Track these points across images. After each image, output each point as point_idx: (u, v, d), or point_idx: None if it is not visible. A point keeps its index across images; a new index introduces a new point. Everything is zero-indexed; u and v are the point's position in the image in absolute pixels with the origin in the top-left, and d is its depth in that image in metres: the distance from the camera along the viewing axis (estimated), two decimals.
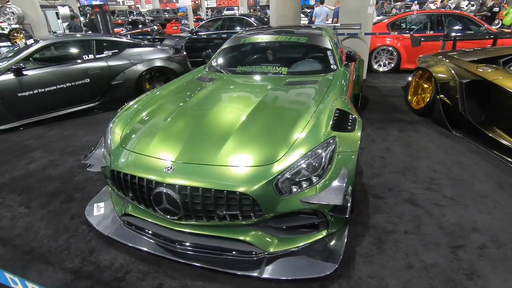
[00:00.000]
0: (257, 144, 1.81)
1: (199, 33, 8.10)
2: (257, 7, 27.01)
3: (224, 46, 3.60)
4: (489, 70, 3.18)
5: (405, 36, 6.48)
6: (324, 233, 1.83)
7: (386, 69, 6.85)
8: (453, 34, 4.98)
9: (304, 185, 1.68)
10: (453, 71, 3.54)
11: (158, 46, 5.46)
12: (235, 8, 25.45)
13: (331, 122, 1.93)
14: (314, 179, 1.69)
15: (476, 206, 2.30)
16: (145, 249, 1.90)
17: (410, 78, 4.50)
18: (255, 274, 1.68)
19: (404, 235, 2.04)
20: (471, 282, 1.67)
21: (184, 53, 5.64)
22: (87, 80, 4.58)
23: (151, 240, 1.93)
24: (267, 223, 1.75)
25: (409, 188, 2.54)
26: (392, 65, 6.78)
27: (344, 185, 1.67)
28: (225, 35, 6.98)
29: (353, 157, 1.81)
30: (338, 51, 3.28)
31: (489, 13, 9.94)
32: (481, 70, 3.25)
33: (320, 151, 1.74)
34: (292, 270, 1.70)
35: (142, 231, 1.97)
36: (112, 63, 4.78)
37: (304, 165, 1.69)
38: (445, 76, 3.63)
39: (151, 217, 1.92)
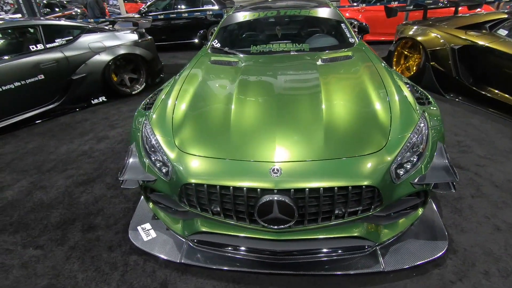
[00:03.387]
0: (355, 130, 1.62)
1: (149, 14, 7.19)
2: None
3: (223, 24, 3.20)
4: (480, 35, 3.44)
5: (366, 7, 6.70)
6: (420, 211, 1.77)
7: None
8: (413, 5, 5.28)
9: (408, 167, 1.57)
10: (442, 39, 3.75)
11: (117, 30, 4.67)
12: None
13: (412, 98, 1.84)
14: (415, 159, 1.60)
15: (510, 161, 2.50)
16: (240, 269, 1.61)
17: (392, 48, 4.66)
18: (379, 269, 1.55)
19: (473, 199, 2.11)
20: None
21: (150, 36, 4.94)
22: (41, 77, 3.69)
23: (241, 257, 1.64)
24: (374, 213, 1.61)
25: None
26: None
27: (447, 160, 1.61)
28: (186, 14, 6.31)
29: (441, 129, 1.76)
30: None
31: None
32: (471, 35, 3.50)
33: (419, 129, 1.64)
34: (409, 257, 1.62)
35: (223, 247, 1.66)
36: (70, 53, 3.92)
37: (410, 146, 1.57)
38: (435, 43, 3.82)
39: (236, 230, 1.62)
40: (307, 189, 1.37)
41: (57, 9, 13.91)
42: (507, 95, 3.22)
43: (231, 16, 3.26)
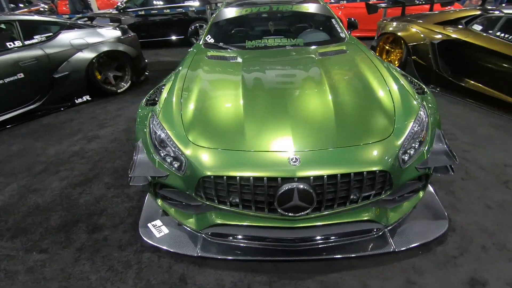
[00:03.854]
0: (363, 119, 1.70)
1: (128, 10, 6.95)
2: None
3: (215, 20, 3.19)
4: (457, 30, 3.67)
5: (346, 4, 6.89)
6: (421, 194, 1.89)
7: None
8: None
9: (412, 153, 1.68)
10: (422, 34, 3.96)
11: (99, 26, 4.49)
12: None
13: (411, 87, 1.95)
14: (417, 145, 1.70)
15: (492, 146, 2.71)
16: (256, 258, 1.65)
17: (374, 43, 4.85)
18: (390, 250, 1.64)
19: (463, 181, 2.28)
20: None
21: (133, 33, 4.80)
22: (21, 75, 3.49)
23: (257, 246, 1.68)
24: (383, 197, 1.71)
25: None
26: None
27: (446, 145, 1.73)
28: (168, 11, 6.18)
29: (438, 117, 1.89)
30: None
31: None
32: (449, 31, 3.72)
33: (420, 117, 1.74)
34: (415, 236, 1.73)
35: (239, 238, 1.69)
36: (50, 50, 3.73)
37: (413, 133, 1.67)
38: (416, 38, 4.03)
39: (251, 220, 1.65)
40: (326, 176, 1.43)
41: (21, 5, 13.06)
42: (482, 86, 3.47)
43: (222, 11, 3.25)
